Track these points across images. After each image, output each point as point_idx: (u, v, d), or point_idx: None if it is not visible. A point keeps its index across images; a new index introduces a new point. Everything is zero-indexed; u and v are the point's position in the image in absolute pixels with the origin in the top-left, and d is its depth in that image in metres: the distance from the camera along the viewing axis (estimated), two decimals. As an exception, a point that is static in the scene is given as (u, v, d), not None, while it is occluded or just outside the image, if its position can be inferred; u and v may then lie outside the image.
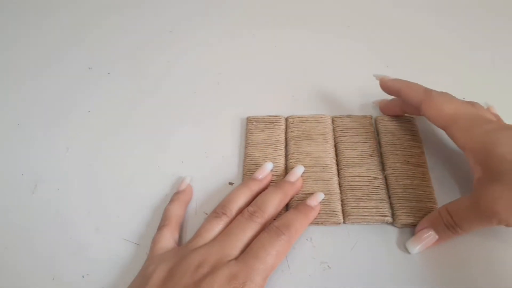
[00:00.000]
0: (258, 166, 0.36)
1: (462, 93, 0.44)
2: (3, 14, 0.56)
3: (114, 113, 0.44)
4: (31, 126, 0.43)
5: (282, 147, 0.39)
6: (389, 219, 0.34)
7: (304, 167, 0.37)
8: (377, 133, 0.40)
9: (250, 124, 0.41)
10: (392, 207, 0.35)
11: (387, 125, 0.40)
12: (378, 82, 0.39)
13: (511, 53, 0.48)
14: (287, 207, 0.35)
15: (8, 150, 0.41)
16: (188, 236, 0.34)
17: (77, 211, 0.36)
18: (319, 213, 0.34)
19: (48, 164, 0.40)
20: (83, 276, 0.32)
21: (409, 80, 0.37)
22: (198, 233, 0.32)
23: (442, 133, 0.40)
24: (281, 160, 0.38)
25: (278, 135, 0.40)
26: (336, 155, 0.38)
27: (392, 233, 0.34)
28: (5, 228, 0.36)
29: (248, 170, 0.37)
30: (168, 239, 0.32)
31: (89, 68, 0.49)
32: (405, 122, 0.40)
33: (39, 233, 0.35)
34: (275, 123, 0.40)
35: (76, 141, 0.41)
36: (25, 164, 0.40)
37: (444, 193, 0.36)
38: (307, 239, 0.34)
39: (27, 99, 0.46)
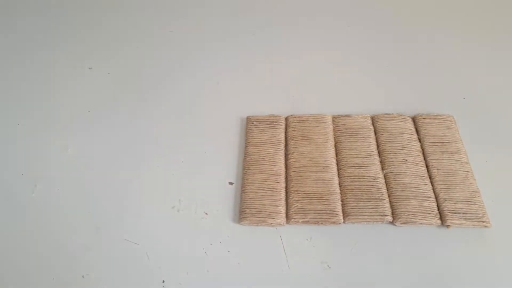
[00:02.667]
0: (258, 165, 0.36)
1: (462, 92, 0.44)
2: (3, 14, 0.56)
3: (114, 113, 0.44)
4: (31, 126, 0.43)
5: (282, 146, 0.39)
6: (389, 218, 0.34)
7: (304, 167, 0.37)
8: (375, 133, 0.40)
9: (250, 124, 0.41)
10: (391, 206, 0.35)
11: (385, 124, 0.40)
12: (377, 81, 0.38)
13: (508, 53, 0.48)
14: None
15: (8, 150, 0.41)
16: (186, 237, 0.34)
17: (77, 211, 0.36)
18: (319, 213, 0.34)
19: (48, 164, 0.40)
20: (83, 276, 0.32)
21: (410, 79, 0.37)
22: None
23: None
24: (281, 159, 0.38)
25: (278, 134, 0.40)
26: (336, 154, 0.38)
27: (392, 233, 0.34)
28: (5, 228, 0.36)
29: (248, 170, 0.37)
30: None
31: (89, 68, 0.49)
32: (402, 121, 0.40)
33: (39, 233, 0.35)
34: (275, 123, 0.40)
35: (76, 141, 0.41)
36: (25, 164, 0.40)
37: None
38: (307, 239, 0.34)
39: (27, 99, 0.46)
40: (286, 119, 0.41)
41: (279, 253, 0.33)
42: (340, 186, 0.36)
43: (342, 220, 0.34)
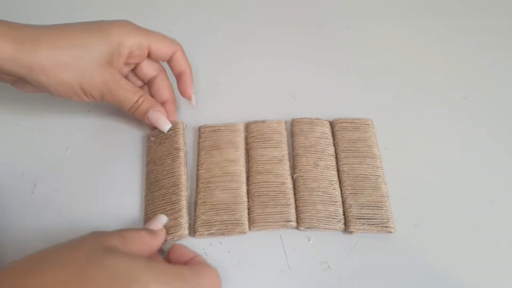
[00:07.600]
0: (158, 182, 0.36)
1: (461, 92, 0.44)
2: (3, 13, 0.56)
3: (114, 113, 0.44)
4: (31, 126, 0.43)
5: (181, 153, 0.37)
6: (293, 224, 0.34)
7: (213, 177, 0.36)
8: (292, 137, 0.40)
9: (148, 141, 0.39)
10: (298, 211, 0.35)
11: (302, 128, 0.39)
12: (377, 82, 0.38)
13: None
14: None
15: (8, 150, 0.41)
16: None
17: (77, 211, 0.36)
18: (224, 223, 0.34)
19: (48, 164, 0.40)
20: (83, 276, 0.32)
21: (410, 79, 0.36)
22: None
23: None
24: (180, 168, 0.36)
25: (176, 142, 0.38)
26: (248, 162, 0.38)
27: (393, 233, 0.34)
28: (5, 228, 0.36)
29: (148, 189, 0.37)
30: None
31: (89, 68, 0.49)
32: (319, 125, 0.40)
33: (39, 233, 0.35)
34: (171, 131, 0.38)
35: (76, 141, 0.41)
36: (25, 164, 0.40)
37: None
38: (307, 239, 0.34)
39: (27, 99, 0.45)
40: (199, 129, 0.40)
41: (279, 253, 0.33)
42: (248, 194, 0.36)
43: (248, 229, 0.34)
